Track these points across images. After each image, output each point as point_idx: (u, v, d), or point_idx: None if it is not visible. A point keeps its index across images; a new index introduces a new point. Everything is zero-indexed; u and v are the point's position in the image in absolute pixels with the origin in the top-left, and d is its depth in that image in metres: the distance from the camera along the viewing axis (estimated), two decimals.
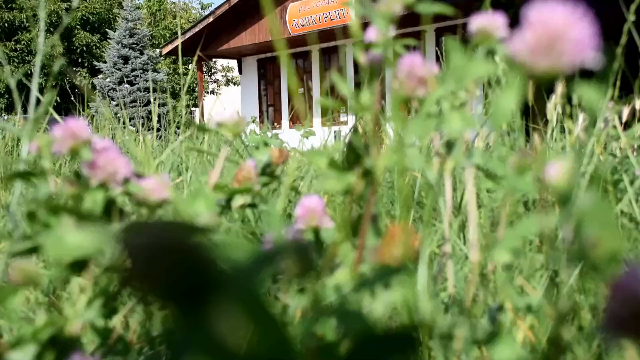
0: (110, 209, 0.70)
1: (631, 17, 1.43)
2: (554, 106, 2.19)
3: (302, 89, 17.06)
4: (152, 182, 0.67)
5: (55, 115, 1.32)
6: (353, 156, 0.64)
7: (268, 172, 1.06)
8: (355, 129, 0.65)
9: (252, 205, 1.01)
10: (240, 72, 20.39)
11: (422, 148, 1.67)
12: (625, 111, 1.98)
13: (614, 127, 1.64)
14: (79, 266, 0.54)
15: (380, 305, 0.45)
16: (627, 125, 2.42)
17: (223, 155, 0.90)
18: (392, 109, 0.60)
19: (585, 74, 0.41)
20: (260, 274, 0.24)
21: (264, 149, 1.07)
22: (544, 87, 0.34)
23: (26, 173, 0.64)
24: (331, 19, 15.67)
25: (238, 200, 0.98)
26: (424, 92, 0.61)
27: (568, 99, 2.12)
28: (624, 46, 1.41)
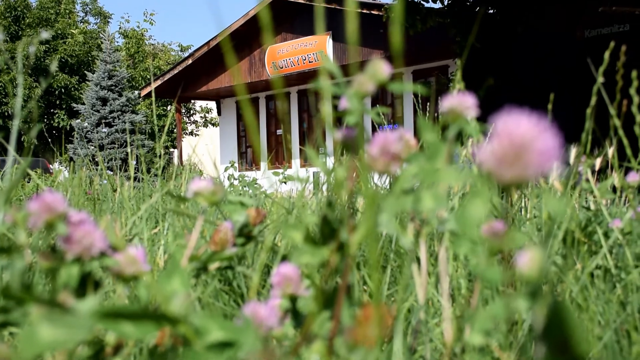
0: (85, 283, 0.70)
1: (600, 79, 1.47)
2: None
3: (280, 130, 17.15)
4: (127, 255, 0.67)
5: (32, 175, 1.31)
6: (328, 230, 0.65)
7: (245, 232, 1.06)
8: (329, 202, 0.66)
9: (229, 268, 1.01)
10: (219, 113, 20.46)
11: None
12: (598, 161, 2.03)
13: (587, 180, 1.67)
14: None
15: None
16: (600, 172, 2.46)
17: (199, 223, 0.90)
18: (363, 183, 0.61)
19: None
20: None
21: (240, 209, 1.08)
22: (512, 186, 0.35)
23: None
24: (310, 62, 15.84)
25: (214, 263, 0.98)
26: (398, 168, 0.62)
27: None
28: (593, 106, 1.46)
